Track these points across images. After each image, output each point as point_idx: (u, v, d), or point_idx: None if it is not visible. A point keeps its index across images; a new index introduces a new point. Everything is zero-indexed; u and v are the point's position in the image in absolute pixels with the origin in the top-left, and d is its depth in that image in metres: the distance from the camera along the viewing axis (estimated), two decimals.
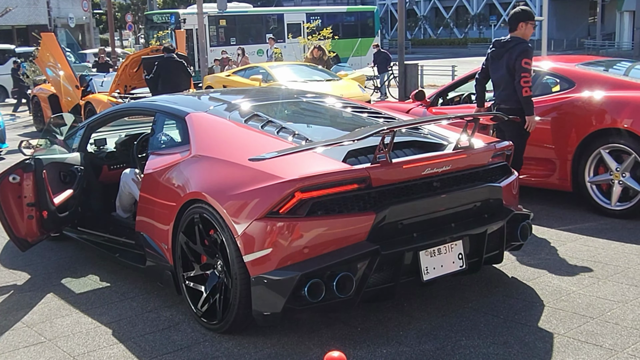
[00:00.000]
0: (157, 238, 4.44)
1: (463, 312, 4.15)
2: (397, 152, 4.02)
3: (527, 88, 5.77)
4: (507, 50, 5.91)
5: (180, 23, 25.98)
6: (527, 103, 5.80)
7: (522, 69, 5.78)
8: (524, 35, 5.96)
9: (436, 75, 24.12)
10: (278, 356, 3.66)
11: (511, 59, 5.86)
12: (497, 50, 6.03)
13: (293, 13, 32.02)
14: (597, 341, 3.70)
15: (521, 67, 5.78)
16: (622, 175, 6.04)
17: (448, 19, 63.04)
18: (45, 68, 14.02)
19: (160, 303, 4.52)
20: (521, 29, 5.97)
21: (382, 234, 3.72)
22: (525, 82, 5.77)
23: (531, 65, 5.83)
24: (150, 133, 4.98)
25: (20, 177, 4.93)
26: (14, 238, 5.07)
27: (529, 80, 5.79)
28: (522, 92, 5.79)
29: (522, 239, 4.45)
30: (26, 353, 3.86)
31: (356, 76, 16.43)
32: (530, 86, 5.80)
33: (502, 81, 6.00)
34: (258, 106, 4.82)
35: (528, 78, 5.78)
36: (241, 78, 15.49)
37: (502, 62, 5.97)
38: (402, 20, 16.21)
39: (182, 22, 26.13)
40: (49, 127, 6.34)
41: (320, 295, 3.55)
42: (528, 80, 5.78)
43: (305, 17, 30.99)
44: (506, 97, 5.96)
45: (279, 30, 29.85)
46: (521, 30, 5.97)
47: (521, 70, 5.78)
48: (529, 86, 5.78)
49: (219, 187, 3.90)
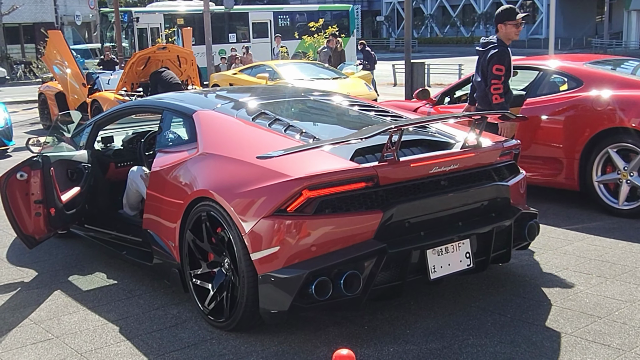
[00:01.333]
0: (164, 236, 4.44)
1: (470, 310, 4.15)
2: (405, 151, 4.01)
3: (497, 95, 5.66)
4: (483, 54, 5.85)
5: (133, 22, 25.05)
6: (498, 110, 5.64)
7: (492, 75, 5.67)
8: (506, 36, 5.83)
9: (443, 74, 24.11)
10: (285, 354, 3.67)
11: (484, 63, 5.79)
12: (478, 51, 5.97)
13: (259, 12, 30.03)
14: (604, 341, 3.68)
15: (492, 73, 5.67)
16: (630, 175, 6.02)
17: (455, 17, 62.92)
18: (52, 66, 14.06)
19: (167, 301, 4.52)
20: (501, 30, 5.85)
21: (390, 232, 3.71)
22: (495, 90, 5.66)
23: (504, 71, 5.66)
24: (158, 131, 4.99)
25: (28, 174, 4.94)
26: (21, 235, 5.09)
27: (499, 88, 5.66)
28: (492, 99, 5.70)
29: (530, 238, 4.44)
30: (34, 350, 3.87)
31: (363, 74, 16.39)
32: (500, 93, 5.67)
33: (477, 83, 5.96)
34: (265, 104, 4.81)
35: (498, 85, 5.66)
36: (248, 76, 15.50)
37: (478, 64, 5.93)
38: (408, 19, 16.17)
39: (135, 20, 25.19)
40: (56, 124, 6.35)
41: (328, 294, 3.55)
42: (498, 87, 5.66)
43: (273, 16, 29.58)
44: (480, 100, 5.90)
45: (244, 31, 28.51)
46: (502, 31, 5.85)
47: (491, 77, 5.68)
48: (498, 93, 5.66)
49: (226, 185, 3.90)
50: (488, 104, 5.78)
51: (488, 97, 5.74)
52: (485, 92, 5.80)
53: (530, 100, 6.71)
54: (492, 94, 5.68)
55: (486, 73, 5.77)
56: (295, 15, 30.70)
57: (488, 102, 5.78)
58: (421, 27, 64.99)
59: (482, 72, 5.84)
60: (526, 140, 6.51)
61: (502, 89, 5.70)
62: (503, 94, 5.71)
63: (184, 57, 12.78)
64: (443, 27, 64.53)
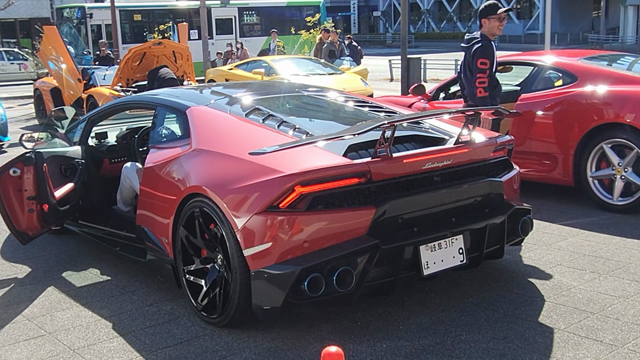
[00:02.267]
0: (157, 232, 4.44)
1: (463, 306, 4.15)
2: (398, 147, 4.01)
3: (482, 89, 5.69)
4: (467, 49, 5.87)
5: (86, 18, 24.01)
6: (481, 104, 5.67)
7: (477, 69, 5.70)
8: (489, 31, 5.84)
9: (439, 69, 24.10)
10: (278, 350, 3.66)
11: (469, 58, 5.81)
12: (463, 48, 5.99)
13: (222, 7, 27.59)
14: (597, 336, 3.69)
15: (477, 67, 5.70)
16: (625, 170, 6.02)
17: (451, 12, 62.84)
18: (48, 61, 14.02)
19: (160, 297, 4.52)
20: (485, 25, 5.87)
21: (383, 228, 3.71)
22: (480, 83, 5.68)
23: (488, 65, 5.68)
24: (151, 127, 4.98)
25: (21, 170, 4.93)
26: (14, 231, 5.08)
27: (485, 81, 5.68)
28: (476, 92, 5.72)
29: (523, 233, 4.44)
30: (26, 346, 3.86)
31: (359, 70, 16.36)
32: (485, 87, 5.69)
33: (465, 80, 5.97)
34: (259, 100, 4.81)
35: (483, 79, 5.68)
36: (243, 72, 15.46)
37: (464, 61, 5.95)
38: (405, 14, 16.16)
39: (89, 17, 24.04)
40: (50, 120, 6.34)
41: (320, 290, 3.55)
42: (483, 80, 5.68)
43: (238, 11, 27.85)
44: (471, 96, 5.89)
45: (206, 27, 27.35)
46: (485, 26, 5.87)
47: (476, 71, 5.71)
48: (483, 87, 5.69)
49: (219, 181, 3.89)
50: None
51: (473, 91, 5.76)
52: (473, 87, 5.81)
53: (525, 96, 6.71)
54: (477, 87, 5.71)
55: (471, 68, 5.79)
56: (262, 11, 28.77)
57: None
58: (418, 22, 64.90)
59: (468, 68, 5.86)
60: (521, 136, 6.51)
61: (488, 82, 5.72)
62: (488, 88, 5.72)
63: (179, 53, 12.76)
64: (440, 22, 64.43)
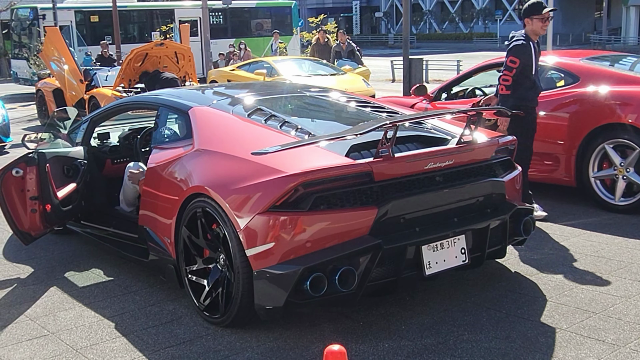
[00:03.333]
0: (160, 232, 4.44)
1: (465, 306, 4.15)
2: (400, 147, 4.01)
3: (504, 86, 5.63)
4: (507, 47, 5.86)
5: (39, 19, 22.51)
6: (501, 102, 5.65)
7: (505, 66, 5.66)
8: (533, 31, 5.78)
9: (441, 70, 24.08)
10: (280, 350, 3.67)
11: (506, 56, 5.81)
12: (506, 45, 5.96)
13: (186, 9, 26.24)
14: (599, 336, 3.69)
15: (506, 64, 5.66)
16: (627, 171, 6.02)
17: (453, 13, 62.83)
18: (50, 62, 14.04)
19: (162, 297, 4.53)
20: (528, 24, 5.81)
21: (385, 228, 3.71)
22: (503, 80, 5.63)
23: (517, 64, 5.60)
24: (154, 127, 4.98)
25: (24, 170, 4.93)
26: (17, 232, 5.08)
27: (508, 79, 5.62)
28: (498, 89, 5.71)
29: (525, 233, 4.44)
30: (29, 346, 3.87)
31: (361, 70, 16.36)
32: (507, 85, 5.62)
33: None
34: (261, 100, 4.81)
35: (507, 77, 5.62)
36: (245, 72, 15.46)
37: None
38: (407, 15, 16.13)
39: (42, 18, 22.52)
40: (52, 121, 6.35)
41: (323, 290, 3.56)
42: (507, 78, 5.62)
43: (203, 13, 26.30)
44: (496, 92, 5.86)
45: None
46: (528, 26, 5.81)
47: (504, 68, 5.67)
48: (505, 84, 5.63)
49: (221, 181, 3.90)
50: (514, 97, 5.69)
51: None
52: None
53: None
54: (500, 84, 5.68)
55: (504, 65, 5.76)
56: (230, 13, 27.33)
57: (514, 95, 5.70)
58: (420, 23, 64.86)
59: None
60: None
61: (512, 81, 5.63)
62: (511, 87, 5.65)
63: (181, 54, 12.77)
64: (442, 23, 64.41)
